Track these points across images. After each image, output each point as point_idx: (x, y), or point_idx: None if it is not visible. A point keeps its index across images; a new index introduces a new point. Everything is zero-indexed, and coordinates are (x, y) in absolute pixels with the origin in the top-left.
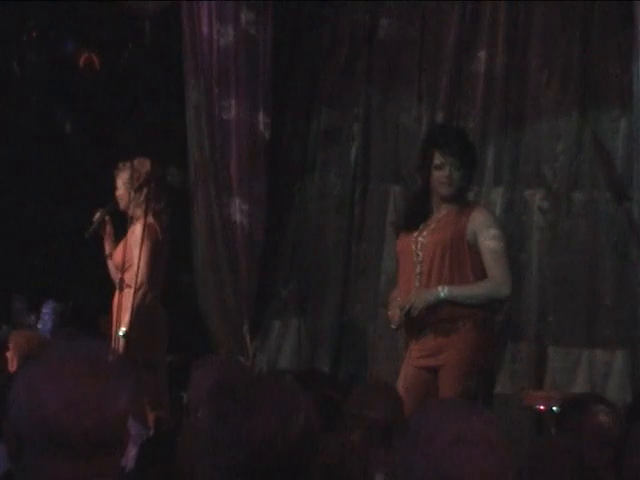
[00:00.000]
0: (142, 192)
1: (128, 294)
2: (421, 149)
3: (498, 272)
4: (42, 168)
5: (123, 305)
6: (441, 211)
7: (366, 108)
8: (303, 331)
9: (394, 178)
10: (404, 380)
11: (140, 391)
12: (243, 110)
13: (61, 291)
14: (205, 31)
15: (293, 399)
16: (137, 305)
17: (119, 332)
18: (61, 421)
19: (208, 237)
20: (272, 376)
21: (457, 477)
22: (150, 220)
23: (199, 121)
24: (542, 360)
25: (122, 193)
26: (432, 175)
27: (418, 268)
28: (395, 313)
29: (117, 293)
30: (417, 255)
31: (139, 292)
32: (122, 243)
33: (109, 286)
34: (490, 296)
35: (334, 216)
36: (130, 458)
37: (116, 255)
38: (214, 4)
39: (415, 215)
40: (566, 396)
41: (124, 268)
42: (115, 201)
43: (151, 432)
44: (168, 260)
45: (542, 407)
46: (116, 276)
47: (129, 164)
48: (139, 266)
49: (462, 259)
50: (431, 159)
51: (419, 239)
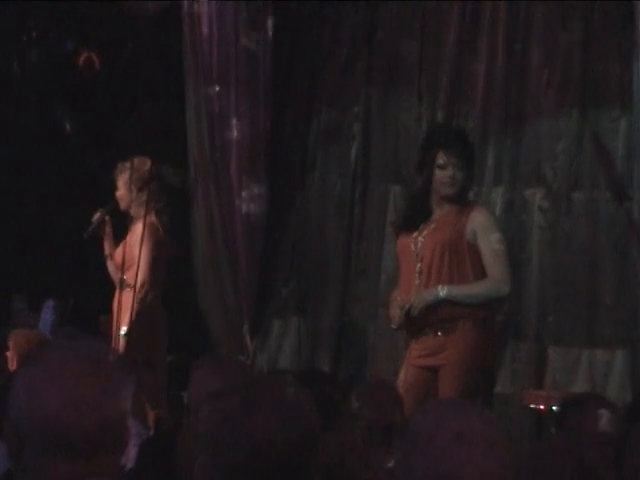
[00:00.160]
0: (144, 191)
1: (129, 294)
2: (422, 148)
3: (498, 271)
4: (42, 167)
5: (124, 305)
6: (441, 211)
7: (366, 108)
8: (303, 331)
9: (394, 178)
10: (404, 380)
11: (140, 391)
12: (243, 110)
13: (61, 290)
14: (205, 31)
15: (293, 399)
16: (138, 304)
17: (120, 331)
18: (61, 420)
19: (208, 236)
20: (272, 376)
21: (457, 476)
22: (152, 219)
23: (199, 121)
24: (542, 360)
25: (123, 193)
26: (435, 175)
27: (418, 267)
28: (395, 313)
29: (117, 293)
30: (417, 255)
31: (140, 291)
32: (123, 243)
33: (109, 285)
34: (489, 295)
35: (334, 216)
36: (130, 457)
37: (117, 255)
38: (214, 4)
39: (415, 215)
40: (566, 396)
41: (125, 267)
42: (115, 201)
43: (151, 431)
44: (168, 259)
45: (542, 407)
46: (116, 276)
47: (130, 164)
48: (140, 265)
49: (462, 258)
50: (434, 159)
51: (419, 239)
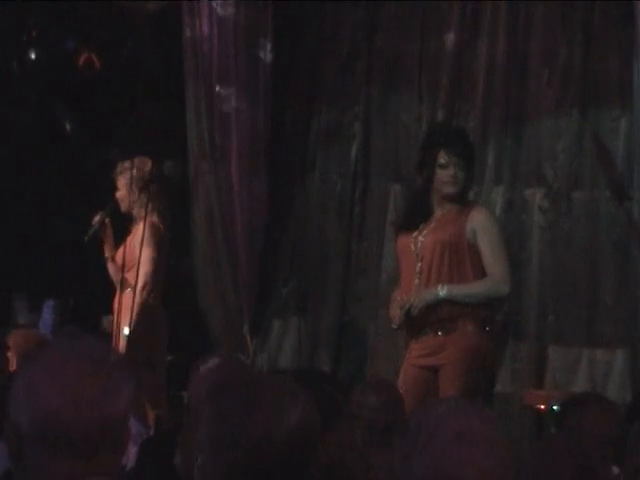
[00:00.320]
0: (146, 192)
1: (130, 294)
2: (422, 148)
3: (497, 271)
4: (42, 167)
5: (125, 305)
6: (442, 210)
7: (366, 107)
8: (303, 330)
9: (394, 177)
10: (404, 379)
11: (140, 390)
12: (243, 109)
13: (61, 290)
14: (205, 30)
15: (293, 398)
16: (140, 305)
17: (123, 332)
18: (61, 420)
19: (208, 236)
20: (271, 375)
21: (457, 476)
22: (154, 219)
23: (199, 120)
24: (542, 359)
25: (124, 194)
26: (436, 174)
27: (418, 267)
28: (395, 313)
29: (118, 293)
30: (417, 254)
31: (143, 291)
32: (124, 243)
33: (110, 285)
34: (489, 295)
35: (334, 215)
36: (130, 457)
37: (118, 255)
38: (214, 3)
39: (415, 215)
40: (566, 395)
41: (127, 268)
42: (115, 202)
43: (151, 431)
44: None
45: (542, 406)
46: (117, 277)
47: (131, 164)
48: (142, 266)
49: (461, 258)
50: (435, 158)
51: (419, 238)
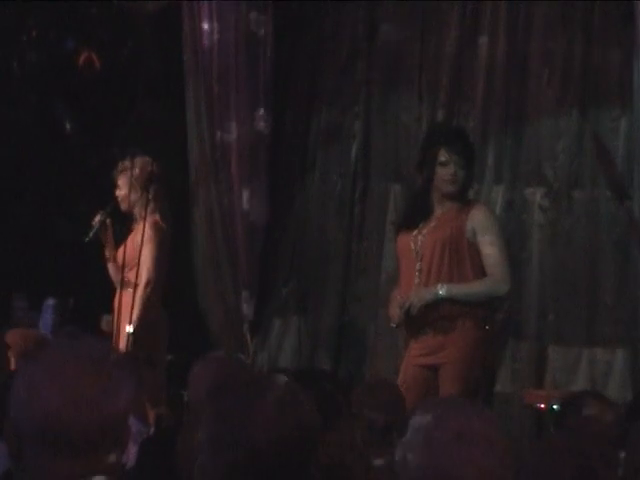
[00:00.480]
0: (148, 191)
1: (132, 293)
2: (423, 147)
3: (497, 270)
4: (42, 167)
5: (125, 303)
6: (442, 209)
7: (366, 107)
8: (303, 330)
9: (394, 177)
10: (404, 379)
11: (141, 389)
12: (243, 109)
13: (62, 290)
14: (205, 30)
15: (292, 397)
16: (143, 303)
17: (128, 330)
18: (62, 419)
19: (208, 236)
20: (271, 374)
21: (457, 476)
22: (156, 218)
23: (199, 120)
24: (542, 359)
25: (125, 193)
26: (436, 173)
27: (418, 266)
28: (395, 312)
29: (118, 292)
30: (417, 253)
31: (146, 289)
32: (125, 243)
33: (110, 285)
34: (489, 294)
35: (334, 215)
36: (131, 456)
37: (119, 255)
38: (214, 3)
39: (415, 213)
40: (565, 394)
41: (129, 267)
42: (115, 202)
43: (151, 430)
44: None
45: (542, 406)
46: (117, 277)
47: (132, 164)
48: (145, 264)
49: (461, 257)
50: (435, 156)
51: (419, 237)
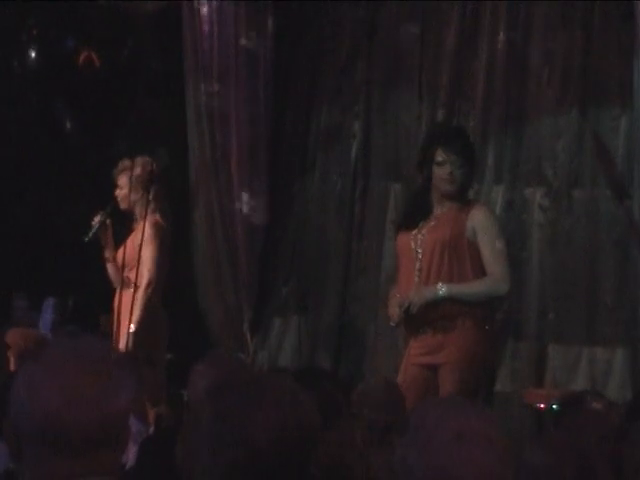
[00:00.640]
0: (150, 191)
1: (135, 293)
2: (422, 147)
3: (497, 270)
4: (42, 166)
5: (126, 303)
6: (441, 209)
7: (366, 107)
8: (303, 329)
9: (394, 176)
10: (404, 378)
11: (141, 388)
12: (243, 109)
13: (62, 289)
14: (205, 30)
15: (293, 396)
16: (144, 303)
17: (130, 329)
18: (62, 419)
19: (208, 235)
20: (272, 373)
21: (457, 475)
22: (157, 218)
23: (199, 120)
24: (542, 358)
25: (126, 193)
26: (434, 172)
27: (417, 265)
28: (394, 311)
29: (118, 292)
30: (416, 252)
31: (148, 289)
32: (126, 242)
33: (110, 285)
34: (489, 293)
35: (334, 214)
36: (131, 455)
37: (119, 254)
38: (214, 4)
39: (415, 212)
40: (565, 393)
41: (130, 267)
42: (115, 202)
43: (151, 429)
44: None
45: (542, 405)
46: (116, 277)
47: (133, 163)
48: (147, 264)
49: (461, 256)
50: (433, 156)
51: (419, 237)
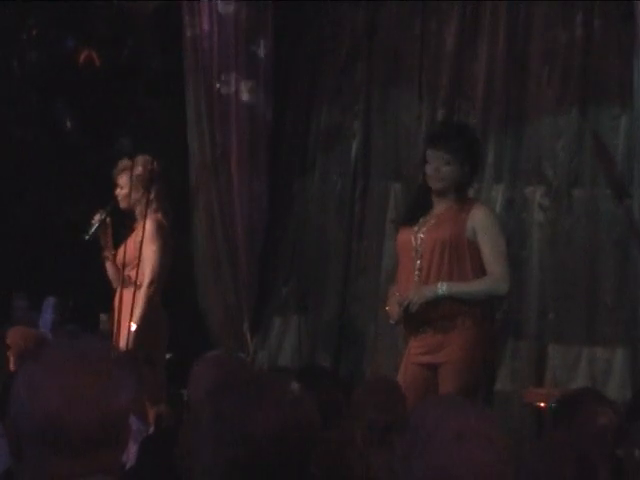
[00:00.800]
0: (151, 190)
1: (136, 292)
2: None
3: (497, 269)
4: (42, 166)
5: (126, 302)
6: (440, 207)
7: (366, 106)
8: (303, 329)
9: (394, 176)
10: (403, 378)
11: (141, 387)
12: (244, 108)
13: (62, 289)
14: (205, 29)
15: (293, 396)
16: (146, 301)
17: (131, 327)
18: (62, 418)
19: (208, 235)
20: (272, 373)
21: (457, 475)
22: (159, 218)
23: (199, 119)
24: (542, 358)
25: (126, 192)
26: (425, 170)
27: (417, 264)
28: (394, 309)
29: (119, 291)
30: (416, 251)
31: (150, 289)
32: (126, 242)
33: (110, 284)
34: (489, 293)
35: (334, 214)
36: (131, 455)
37: (120, 253)
38: (214, 3)
39: (416, 208)
40: (563, 392)
41: (131, 266)
42: (115, 201)
43: (151, 429)
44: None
45: (542, 404)
46: (115, 277)
47: (134, 162)
48: (149, 263)
49: (461, 256)
50: (424, 155)
51: (419, 235)
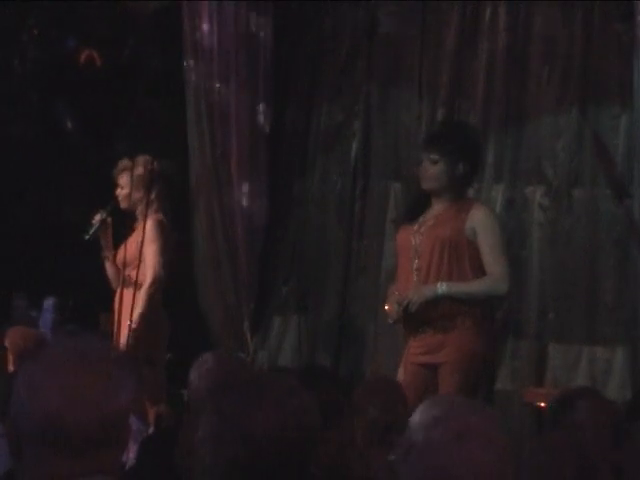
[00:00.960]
0: (153, 190)
1: (136, 292)
2: None
3: (497, 269)
4: (42, 166)
5: (126, 302)
6: (439, 207)
7: (366, 106)
8: (303, 328)
9: (394, 175)
10: (403, 377)
11: (141, 387)
12: (244, 108)
13: (62, 289)
14: (206, 29)
15: (293, 395)
16: (148, 301)
17: (132, 326)
18: (62, 418)
19: (208, 235)
20: (272, 373)
21: (457, 474)
22: (160, 217)
23: (199, 120)
24: (542, 357)
25: (127, 192)
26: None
27: (416, 263)
28: (393, 308)
29: (119, 291)
30: (416, 251)
31: (151, 289)
32: (126, 241)
33: (109, 284)
34: (489, 293)
35: (334, 214)
36: (131, 455)
37: (120, 253)
38: (214, 3)
39: (416, 208)
40: (561, 391)
41: (132, 266)
42: (115, 201)
43: (151, 429)
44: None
45: (542, 404)
46: (115, 277)
47: (134, 162)
48: (151, 263)
49: (461, 255)
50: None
51: (418, 235)
